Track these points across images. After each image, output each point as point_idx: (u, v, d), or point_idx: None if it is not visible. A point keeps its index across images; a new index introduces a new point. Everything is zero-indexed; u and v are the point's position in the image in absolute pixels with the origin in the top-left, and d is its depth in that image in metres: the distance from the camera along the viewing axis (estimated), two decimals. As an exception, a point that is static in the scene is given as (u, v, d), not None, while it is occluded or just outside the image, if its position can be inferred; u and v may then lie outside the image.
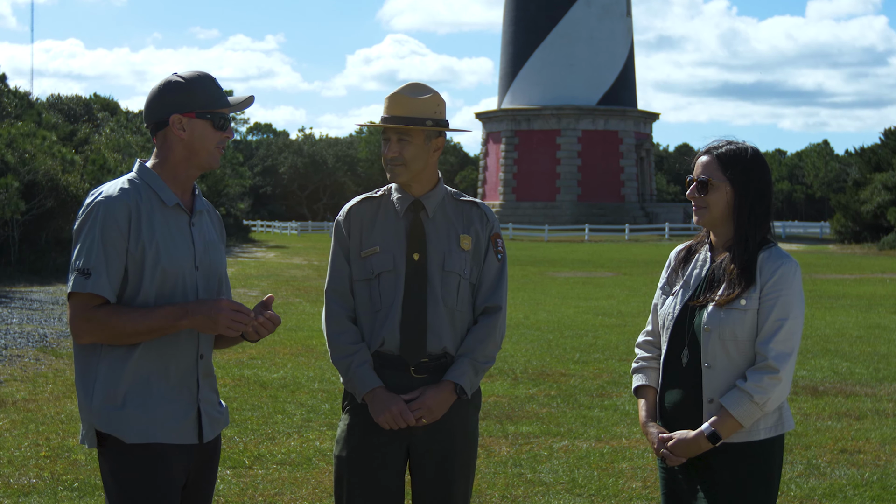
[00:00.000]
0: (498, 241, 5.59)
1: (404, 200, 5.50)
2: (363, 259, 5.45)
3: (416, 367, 5.37)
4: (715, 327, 4.94)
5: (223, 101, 4.78)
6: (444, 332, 5.39)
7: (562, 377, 15.14)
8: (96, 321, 4.53)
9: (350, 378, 5.37)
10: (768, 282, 4.92)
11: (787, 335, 4.89)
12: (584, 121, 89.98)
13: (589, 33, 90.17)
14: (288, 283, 34.03)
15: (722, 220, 5.06)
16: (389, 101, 5.41)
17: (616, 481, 9.50)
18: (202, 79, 4.78)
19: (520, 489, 9.27)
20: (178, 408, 4.69)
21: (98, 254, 4.54)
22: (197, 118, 4.71)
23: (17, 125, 36.66)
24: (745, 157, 5.04)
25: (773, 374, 4.85)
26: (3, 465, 9.67)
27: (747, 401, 4.85)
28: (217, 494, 8.94)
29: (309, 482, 9.37)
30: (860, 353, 17.84)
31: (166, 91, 4.74)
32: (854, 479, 9.59)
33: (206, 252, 4.82)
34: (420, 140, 5.39)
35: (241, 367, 15.67)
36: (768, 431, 4.98)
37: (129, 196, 4.63)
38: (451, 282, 5.43)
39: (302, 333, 19.90)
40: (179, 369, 4.71)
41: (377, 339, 5.39)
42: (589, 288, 32.53)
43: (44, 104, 57.25)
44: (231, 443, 10.72)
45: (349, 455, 5.39)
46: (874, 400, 13.44)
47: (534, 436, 11.26)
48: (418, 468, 5.42)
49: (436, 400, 5.30)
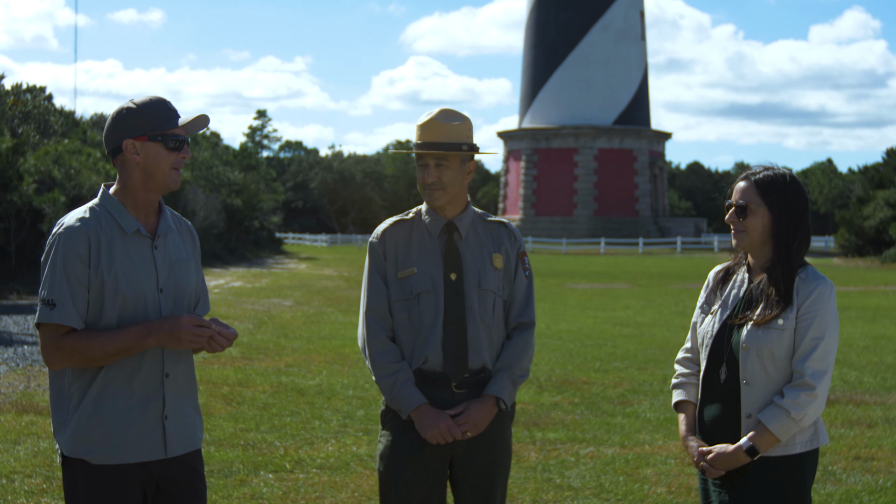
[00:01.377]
0: (525, 259, 5.57)
1: (437, 222, 5.45)
2: (400, 280, 5.40)
3: (458, 383, 5.33)
4: (753, 345, 4.90)
5: (172, 122, 4.69)
6: (483, 348, 5.36)
7: (584, 385, 15.08)
8: (66, 349, 4.51)
9: (395, 396, 5.31)
10: (805, 302, 4.89)
11: (822, 354, 4.86)
12: (600, 140, 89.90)
13: (605, 57, 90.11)
14: (320, 293, 34.01)
15: (760, 243, 5.02)
16: (425, 127, 5.37)
17: (641, 486, 9.44)
18: (153, 103, 4.71)
19: (549, 494, 9.22)
20: (143, 427, 4.64)
21: (61, 284, 4.51)
22: (149, 141, 4.64)
23: (63, 143, 36.83)
24: (782, 183, 5.00)
25: (810, 392, 4.82)
26: (56, 468, 9.62)
27: (784, 416, 4.81)
28: (261, 497, 8.93)
29: (348, 486, 9.33)
30: (867, 362, 17.73)
31: (118, 118, 4.69)
32: (869, 486, 9.52)
33: (170, 274, 4.74)
34: (457, 164, 5.36)
35: (278, 374, 15.65)
36: (804, 446, 4.95)
37: (89, 225, 4.59)
38: (488, 299, 5.39)
39: (335, 342, 19.88)
40: (144, 389, 4.65)
41: (419, 357, 5.35)
42: (606, 299, 32.45)
43: (88, 122, 57.31)
44: (272, 447, 10.70)
45: (395, 471, 5.35)
46: (884, 408, 13.35)
47: (560, 442, 11.20)
48: (460, 479, 5.39)
49: (480, 414, 5.27)
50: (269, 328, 22.20)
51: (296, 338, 20.68)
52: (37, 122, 39.98)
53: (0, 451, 10.28)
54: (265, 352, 18.31)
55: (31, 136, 34.71)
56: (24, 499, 8.72)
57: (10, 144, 30.69)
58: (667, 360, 17.70)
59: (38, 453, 10.21)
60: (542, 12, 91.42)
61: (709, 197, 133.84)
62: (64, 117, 45.89)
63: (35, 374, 15.11)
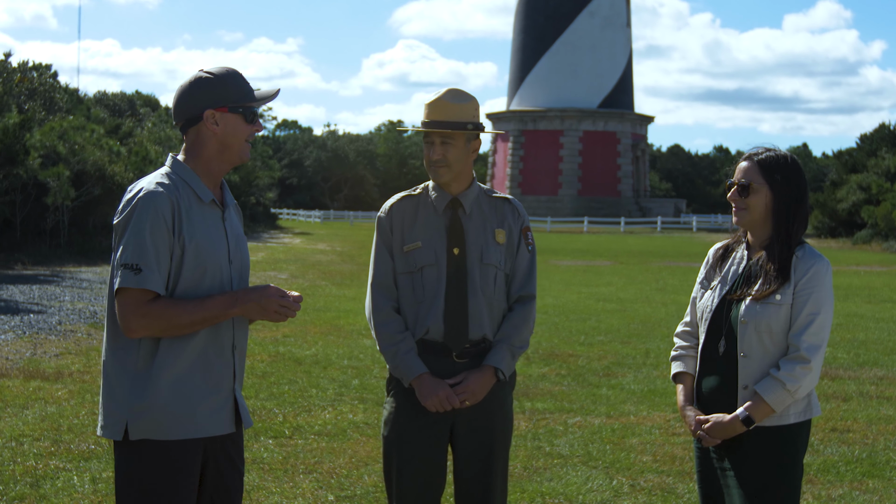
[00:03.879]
0: (528, 234, 5.54)
1: (443, 198, 5.43)
2: (406, 254, 5.39)
3: (458, 353, 5.32)
4: (751, 320, 4.89)
5: (252, 95, 4.54)
6: (483, 319, 5.34)
7: (570, 357, 15.09)
8: (152, 315, 4.24)
9: (397, 365, 5.31)
10: (802, 278, 4.89)
11: (818, 328, 4.86)
12: (585, 122, 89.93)
13: (592, 42, 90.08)
14: (314, 266, 33.98)
15: (761, 221, 5.01)
16: (432, 106, 5.34)
17: (628, 455, 9.44)
18: (231, 74, 4.54)
19: (540, 461, 9.22)
20: (216, 400, 4.46)
21: (147, 248, 4.25)
22: (229, 112, 4.47)
23: (67, 119, 36.71)
24: (784, 164, 5.00)
25: (805, 364, 4.82)
26: (63, 432, 9.64)
27: (780, 388, 4.82)
28: (261, 462, 8.91)
29: (346, 452, 9.32)
30: (841, 339, 17.73)
31: (197, 87, 4.47)
32: (845, 456, 9.53)
33: (237, 246, 4.59)
34: (462, 142, 5.33)
35: (276, 344, 15.63)
36: (798, 416, 4.95)
37: (171, 192, 4.36)
38: (489, 273, 5.38)
39: (330, 314, 19.83)
40: (221, 362, 4.47)
41: (422, 327, 5.34)
42: (589, 275, 32.45)
43: (91, 100, 57.17)
44: (271, 414, 10.69)
45: (398, 435, 5.35)
46: (857, 383, 13.37)
47: (549, 412, 11.20)
48: (461, 446, 5.37)
49: (479, 383, 5.26)
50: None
51: (292, 309, 20.59)
52: (43, 98, 39.86)
53: (9, 416, 10.25)
54: (262, 322, 18.25)
55: (37, 113, 34.56)
56: (33, 461, 8.68)
57: (16, 120, 30.59)
58: (648, 335, 17.73)
59: (46, 417, 10.18)
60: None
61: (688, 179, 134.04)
62: (68, 95, 45.74)
63: (41, 342, 15.08)
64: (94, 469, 8.52)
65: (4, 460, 8.70)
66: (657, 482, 8.66)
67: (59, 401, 10.96)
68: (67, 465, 8.60)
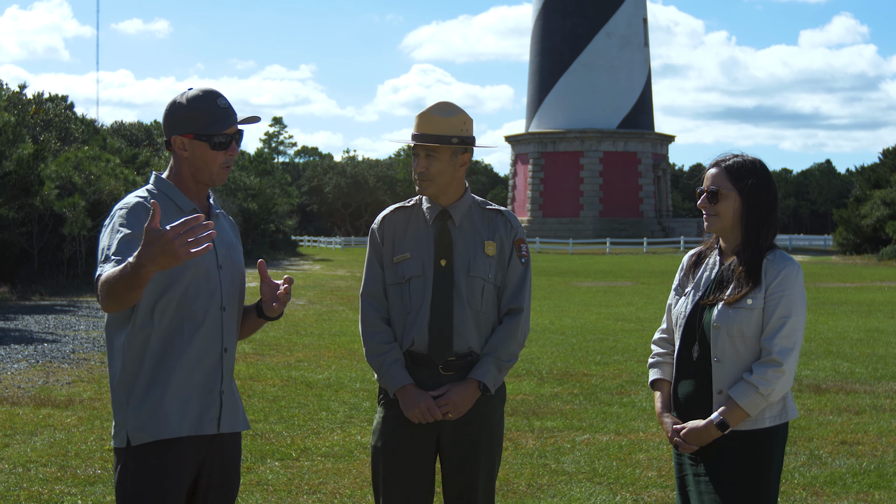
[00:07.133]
0: (522, 246, 5.55)
1: (433, 210, 5.50)
2: (395, 264, 5.46)
3: (443, 365, 5.38)
4: (723, 324, 4.95)
5: (220, 123, 4.60)
6: (469, 332, 5.38)
7: (584, 377, 15.12)
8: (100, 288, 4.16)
9: (383, 375, 5.41)
10: (773, 282, 4.94)
11: (789, 331, 4.91)
12: (605, 143, 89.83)
13: (609, 63, 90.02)
14: (332, 292, 34.07)
15: (731, 226, 5.07)
16: (419, 119, 5.41)
17: (633, 471, 9.49)
18: (203, 101, 4.61)
19: (545, 478, 9.27)
20: (202, 401, 4.57)
21: (121, 245, 4.31)
22: (195, 140, 4.58)
23: (83, 149, 36.90)
24: (752, 169, 5.06)
25: (777, 368, 4.87)
26: (70, 458, 9.73)
27: (753, 392, 4.86)
28: (266, 484, 8.98)
29: (351, 472, 9.39)
30: (860, 354, 17.75)
31: (169, 113, 4.63)
32: (853, 468, 9.56)
33: (227, 253, 4.70)
34: (446, 156, 5.39)
35: (289, 368, 15.71)
36: (773, 420, 4.99)
37: (148, 201, 4.50)
38: (476, 285, 5.41)
39: (345, 338, 19.92)
40: (209, 362, 4.58)
41: (408, 339, 5.40)
42: (610, 296, 32.46)
43: (108, 130, 57.45)
44: (279, 437, 10.76)
45: (384, 445, 5.41)
46: (872, 397, 13.38)
47: (558, 430, 11.25)
48: (446, 458, 5.42)
49: (461, 396, 5.31)
50: (282, 325, 22.24)
51: (307, 334, 20.74)
52: (58, 129, 40.09)
53: (18, 442, 10.35)
54: (277, 348, 18.37)
55: (51, 143, 34.77)
56: (38, 486, 8.78)
57: (31, 151, 30.80)
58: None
59: (54, 444, 10.27)
60: (547, 20, 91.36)
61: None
62: (84, 125, 45.99)
63: (54, 371, 15.19)
64: (99, 493, 8.61)
65: (10, 486, 8.79)
66: (660, 496, 8.70)
67: (69, 427, 11.06)
68: (72, 490, 8.69)
